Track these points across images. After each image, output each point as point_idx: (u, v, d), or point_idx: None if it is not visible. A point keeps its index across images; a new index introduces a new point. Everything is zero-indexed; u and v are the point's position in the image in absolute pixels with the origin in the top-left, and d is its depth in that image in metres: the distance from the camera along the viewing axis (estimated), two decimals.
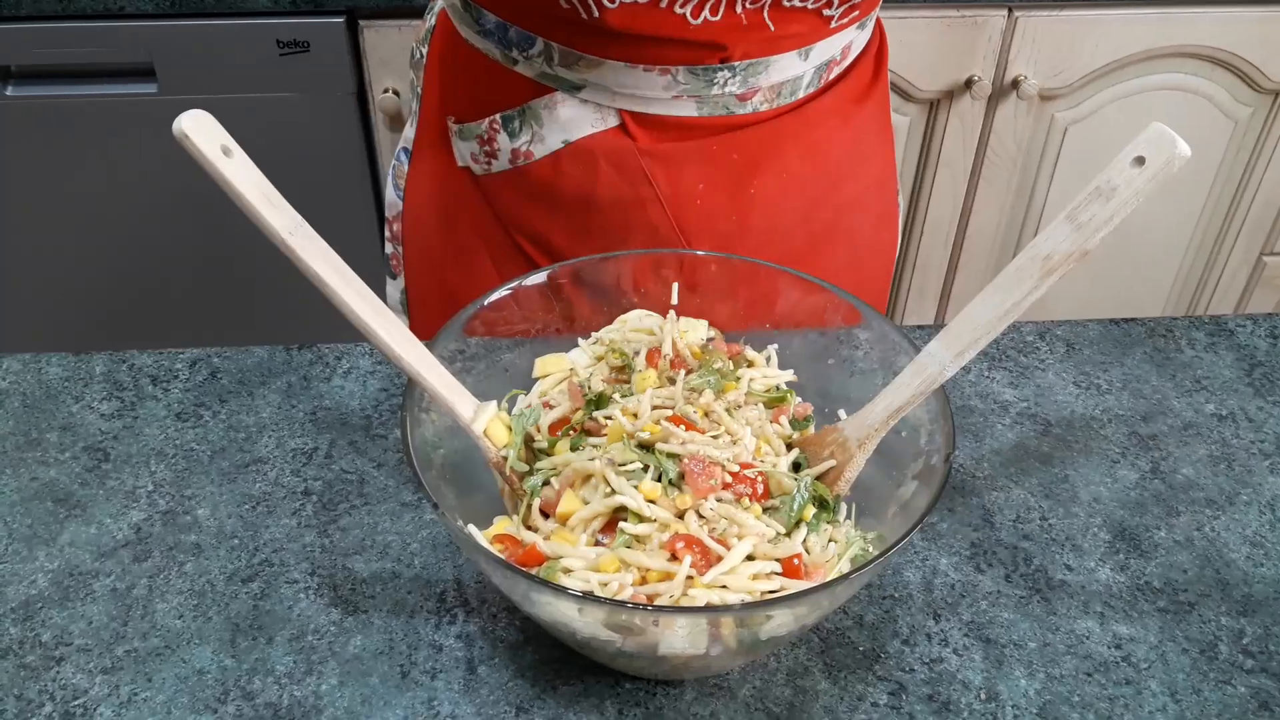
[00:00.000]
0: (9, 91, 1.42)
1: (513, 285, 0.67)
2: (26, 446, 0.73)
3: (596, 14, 0.72)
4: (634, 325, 0.69)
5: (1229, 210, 1.69)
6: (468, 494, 0.62)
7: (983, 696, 0.60)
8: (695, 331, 0.68)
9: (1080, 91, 1.54)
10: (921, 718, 0.59)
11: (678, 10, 0.72)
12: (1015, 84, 1.51)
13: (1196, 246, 1.73)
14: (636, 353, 0.66)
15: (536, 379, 0.68)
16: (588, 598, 0.52)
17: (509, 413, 0.65)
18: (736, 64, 0.77)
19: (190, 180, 1.47)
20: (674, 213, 0.82)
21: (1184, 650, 0.62)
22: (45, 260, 1.58)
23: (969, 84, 1.50)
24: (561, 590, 0.52)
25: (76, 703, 0.58)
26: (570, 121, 0.80)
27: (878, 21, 0.89)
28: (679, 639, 0.53)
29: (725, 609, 0.53)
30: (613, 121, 0.80)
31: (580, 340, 0.69)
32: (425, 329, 0.95)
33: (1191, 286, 1.78)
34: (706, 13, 0.72)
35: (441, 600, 0.64)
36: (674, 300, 0.70)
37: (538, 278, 0.68)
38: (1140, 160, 0.48)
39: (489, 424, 0.62)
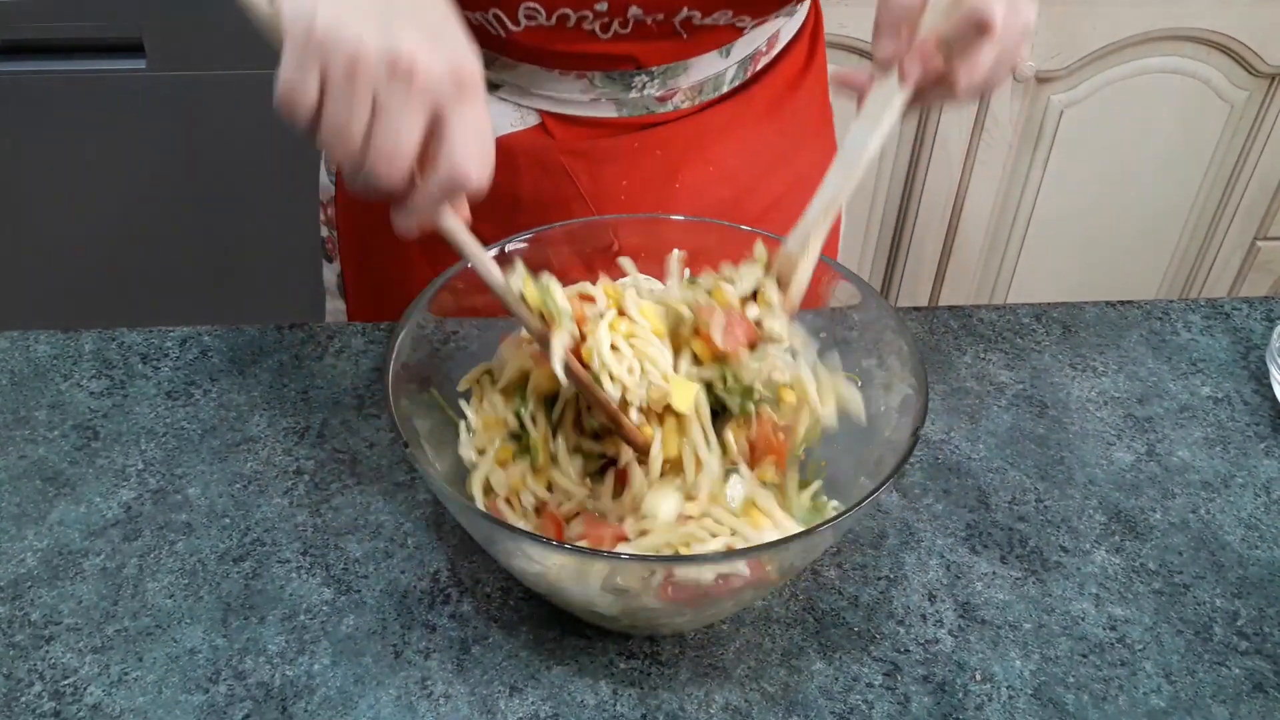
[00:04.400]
0: None
1: (493, 250, 0.64)
2: (15, 425, 0.72)
3: (503, 34, 0.72)
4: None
5: (1224, 194, 1.68)
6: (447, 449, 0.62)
7: (978, 677, 0.60)
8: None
9: (1077, 74, 1.53)
10: (917, 699, 0.59)
11: (585, 27, 0.71)
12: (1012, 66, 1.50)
13: (1191, 230, 1.72)
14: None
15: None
16: (576, 549, 0.53)
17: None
18: (654, 69, 0.76)
19: (179, 156, 1.48)
20: (598, 209, 0.81)
21: (1179, 632, 0.62)
22: (32, 237, 1.57)
23: None
24: (549, 542, 0.53)
25: (66, 682, 0.58)
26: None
27: (814, 2, 0.87)
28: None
29: (707, 558, 0.54)
30: (532, 120, 0.79)
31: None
32: (363, 314, 0.94)
33: (1185, 270, 1.78)
34: (616, 27, 0.71)
35: (435, 580, 0.64)
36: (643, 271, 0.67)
37: (517, 244, 0.66)
38: None
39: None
